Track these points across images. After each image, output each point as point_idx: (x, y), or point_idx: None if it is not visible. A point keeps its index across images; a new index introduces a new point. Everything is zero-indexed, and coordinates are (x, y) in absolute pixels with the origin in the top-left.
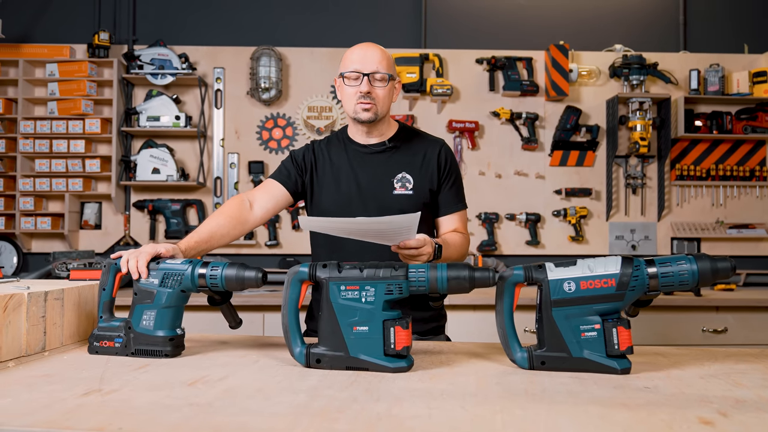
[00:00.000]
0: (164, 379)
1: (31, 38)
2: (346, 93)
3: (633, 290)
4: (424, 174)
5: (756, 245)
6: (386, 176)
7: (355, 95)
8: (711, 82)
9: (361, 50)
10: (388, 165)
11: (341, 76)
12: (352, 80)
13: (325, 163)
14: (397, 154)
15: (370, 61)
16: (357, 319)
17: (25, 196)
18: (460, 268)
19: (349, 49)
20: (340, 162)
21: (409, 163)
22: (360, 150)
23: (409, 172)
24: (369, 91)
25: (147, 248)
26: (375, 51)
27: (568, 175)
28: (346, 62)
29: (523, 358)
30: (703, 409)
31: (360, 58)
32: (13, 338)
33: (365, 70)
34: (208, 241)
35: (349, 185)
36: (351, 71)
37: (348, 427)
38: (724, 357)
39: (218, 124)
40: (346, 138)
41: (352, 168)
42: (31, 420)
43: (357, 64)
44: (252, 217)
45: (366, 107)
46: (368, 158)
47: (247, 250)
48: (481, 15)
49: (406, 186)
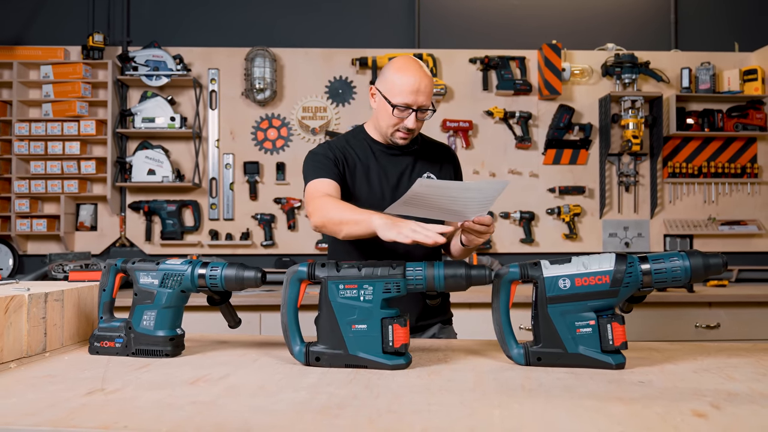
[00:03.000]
0: (166, 378)
1: (25, 40)
2: (388, 118)
3: (627, 287)
4: (444, 176)
5: (748, 241)
6: (415, 175)
7: (396, 124)
8: (702, 80)
9: (414, 80)
10: (414, 166)
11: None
12: (399, 111)
13: (355, 160)
14: (420, 157)
15: (421, 95)
16: (355, 318)
17: (21, 198)
18: (456, 267)
19: (399, 72)
20: (368, 160)
21: (431, 164)
22: (386, 151)
23: (433, 172)
24: (414, 127)
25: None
26: (427, 82)
27: (562, 174)
28: (398, 90)
29: (520, 355)
30: (696, 402)
31: (412, 91)
32: (14, 339)
33: (415, 104)
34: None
35: (381, 183)
36: (402, 104)
37: (350, 422)
38: (717, 351)
39: (213, 125)
40: (368, 138)
41: (381, 166)
42: (37, 419)
43: (409, 97)
44: None
45: (405, 137)
46: (395, 159)
47: (243, 251)
48: (474, 15)
49: None
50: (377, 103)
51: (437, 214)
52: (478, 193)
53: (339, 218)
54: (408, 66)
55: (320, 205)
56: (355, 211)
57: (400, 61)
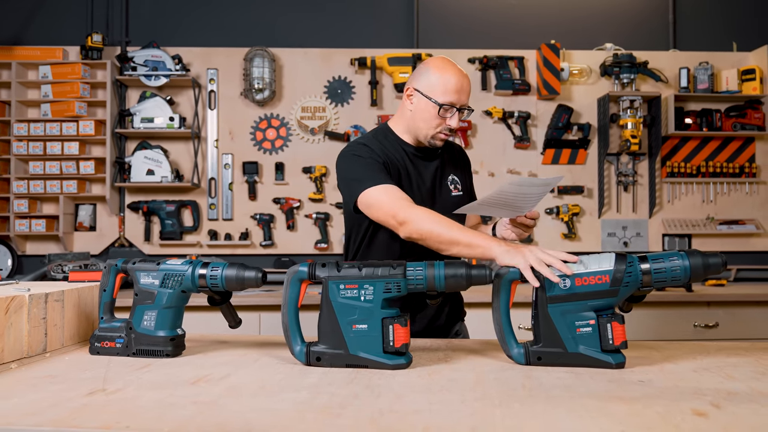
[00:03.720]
0: (167, 378)
1: (23, 40)
2: (430, 117)
3: (627, 286)
4: (464, 175)
5: (746, 241)
6: (443, 178)
7: (439, 125)
8: (700, 80)
9: (459, 78)
10: (441, 168)
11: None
12: (444, 110)
13: (396, 163)
14: (444, 159)
15: (465, 93)
16: (356, 318)
17: (20, 198)
18: (457, 266)
19: (443, 73)
20: (405, 165)
21: (454, 166)
22: (417, 154)
23: (455, 175)
24: (457, 127)
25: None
26: (468, 81)
27: (561, 173)
28: (443, 89)
29: (520, 354)
30: (696, 401)
31: (458, 89)
32: (15, 340)
33: (459, 104)
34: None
35: (419, 186)
36: (448, 102)
37: (351, 422)
38: (716, 351)
39: (212, 125)
40: (400, 141)
41: (416, 168)
42: (39, 419)
43: (454, 96)
44: None
45: (444, 138)
46: (427, 163)
47: (242, 251)
48: (472, 15)
49: (458, 188)
50: (417, 105)
51: (500, 211)
52: (541, 188)
53: (449, 237)
54: (448, 65)
55: (420, 216)
56: (467, 233)
57: (439, 61)
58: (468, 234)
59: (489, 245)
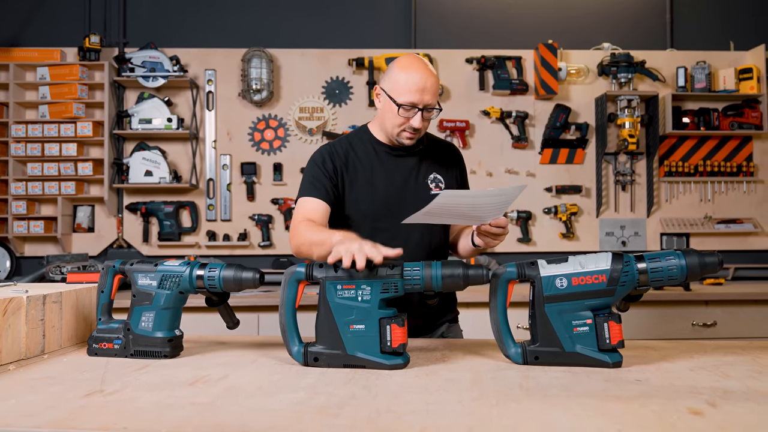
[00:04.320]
0: (165, 379)
1: (21, 42)
2: (393, 118)
3: (623, 285)
4: (450, 175)
5: (744, 240)
6: (421, 177)
7: (402, 124)
8: (698, 79)
9: (419, 78)
10: (420, 166)
11: (392, 100)
12: (404, 110)
13: (357, 164)
14: (425, 157)
15: (427, 93)
16: (353, 318)
17: (18, 199)
18: (454, 266)
19: (404, 70)
20: (371, 163)
21: (437, 164)
22: (391, 152)
23: (439, 173)
24: (420, 127)
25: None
26: (432, 81)
27: (558, 173)
28: (401, 87)
29: (517, 354)
30: (692, 399)
31: (418, 89)
32: (12, 341)
33: (421, 104)
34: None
35: (386, 186)
36: (407, 103)
37: (349, 422)
38: (713, 350)
39: (210, 125)
40: (372, 140)
41: (385, 169)
42: (37, 421)
43: (413, 96)
44: None
45: (411, 137)
46: (400, 160)
47: (241, 251)
48: (470, 15)
49: (440, 186)
50: (382, 104)
51: (457, 220)
52: (498, 198)
53: (310, 240)
54: (412, 64)
55: (296, 232)
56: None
57: (405, 59)
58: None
59: (331, 239)
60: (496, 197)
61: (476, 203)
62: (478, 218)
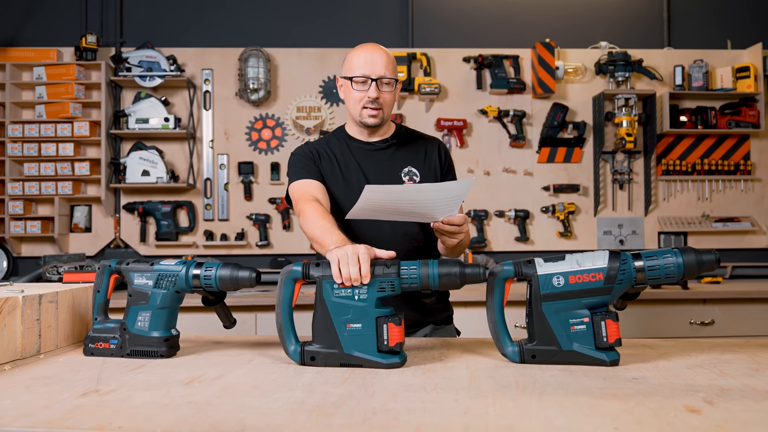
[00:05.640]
0: (161, 379)
1: (17, 41)
2: (352, 96)
3: (620, 284)
4: (427, 168)
5: (741, 238)
6: (394, 170)
7: (361, 100)
8: (695, 77)
9: (368, 53)
10: (393, 160)
11: (348, 79)
12: (359, 84)
13: (330, 158)
14: (400, 151)
15: (378, 65)
16: (350, 317)
17: (14, 200)
18: (451, 265)
19: (354, 51)
20: (344, 158)
21: (412, 158)
22: (364, 147)
23: (414, 167)
24: (377, 96)
25: (362, 250)
26: (382, 55)
27: (556, 172)
28: (353, 65)
29: (514, 352)
30: (689, 397)
31: (367, 62)
32: (8, 341)
33: (373, 75)
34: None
35: (358, 179)
36: (359, 75)
37: (345, 421)
38: (710, 348)
39: (207, 125)
40: (346, 136)
41: (358, 163)
42: (32, 421)
43: (365, 69)
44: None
45: (373, 113)
46: (373, 154)
47: (238, 251)
48: (467, 14)
49: (414, 179)
50: (343, 91)
51: (403, 216)
52: (440, 194)
53: (311, 235)
54: (362, 45)
55: (304, 214)
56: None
57: (356, 47)
58: (322, 233)
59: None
60: (435, 192)
61: (413, 199)
62: (426, 215)
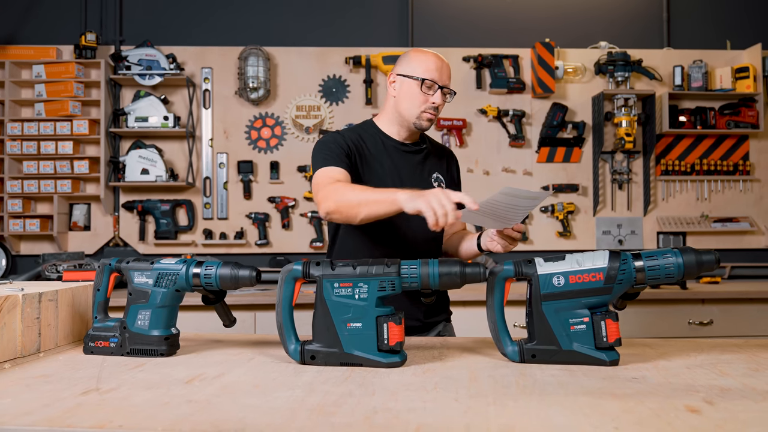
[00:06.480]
0: (161, 377)
1: (17, 39)
2: (413, 96)
3: (620, 283)
4: (448, 177)
5: (740, 238)
6: (425, 174)
7: (423, 103)
8: (694, 78)
9: (438, 60)
10: (423, 165)
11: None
12: (426, 87)
13: (366, 152)
14: (429, 157)
15: (445, 74)
16: (350, 316)
17: (13, 198)
18: (451, 264)
19: (422, 53)
20: (380, 155)
21: (438, 166)
22: (398, 147)
23: (440, 174)
24: (441, 103)
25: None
26: (448, 65)
27: (555, 172)
28: (423, 67)
29: (514, 352)
30: (690, 397)
31: (437, 68)
32: (8, 340)
33: (441, 82)
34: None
35: (393, 179)
36: (429, 79)
37: (345, 420)
38: (710, 348)
39: (207, 124)
40: (380, 133)
41: (393, 163)
42: (32, 419)
43: (435, 74)
44: None
45: (431, 118)
46: (407, 156)
47: (237, 250)
48: (467, 13)
49: (441, 186)
50: (400, 88)
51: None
52: (529, 202)
53: (357, 200)
54: (428, 51)
55: (333, 190)
56: (374, 191)
57: (417, 48)
58: (375, 192)
59: (393, 197)
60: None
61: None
62: (509, 220)
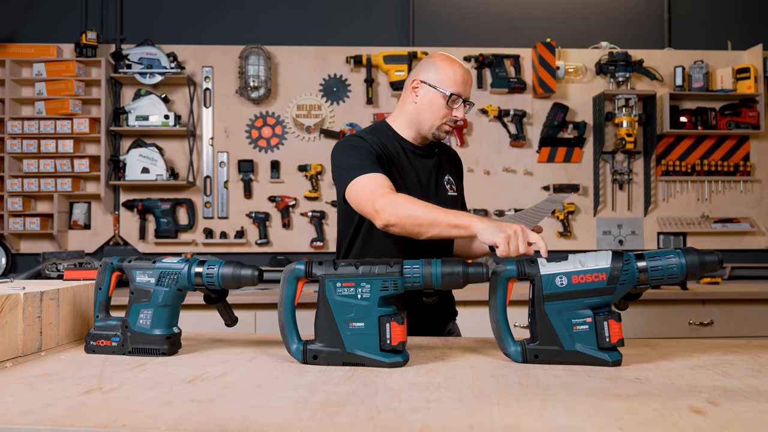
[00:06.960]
0: (163, 376)
1: (17, 38)
2: (437, 108)
3: (623, 284)
4: (457, 177)
5: (740, 239)
6: (439, 177)
7: (446, 116)
8: (695, 78)
9: (465, 72)
10: (437, 167)
11: (442, 91)
12: (452, 101)
13: (390, 158)
14: (441, 159)
15: (468, 86)
16: (353, 316)
17: (14, 196)
18: (453, 264)
19: (450, 65)
20: (400, 159)
21: (448, 167)
22: (415, 150)
23: (451, 176)
24: (463, 117)
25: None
26: (471, 77)
27: (556, 172)
28: (451, 80)
29: (517, 352)
30: (693, 398)
31: (464, 82)
32: (9, 338)
33: (465, 95)
34: None
35: (412, 182)
36: (457, 93)
37: (349, 420)
38: (712, 348)
39: (207, 123)
40: (397, 136)
41: (413, 167)
42: (35, 418)
43: (461, 87)
44: None
45: (449, 130)
46: (423, 160)
47: (238, 249)
48: (468, 13)
49: (453, 188)
50: (423, 96)
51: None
52: (552, 206)
53: (427, 218)
54: (454, 59)
55: (392, 202)
56: (445, 212)
57: (444, 55)
58: (448, 214)
59: (470, 223)
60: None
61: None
62: (533, 223)
